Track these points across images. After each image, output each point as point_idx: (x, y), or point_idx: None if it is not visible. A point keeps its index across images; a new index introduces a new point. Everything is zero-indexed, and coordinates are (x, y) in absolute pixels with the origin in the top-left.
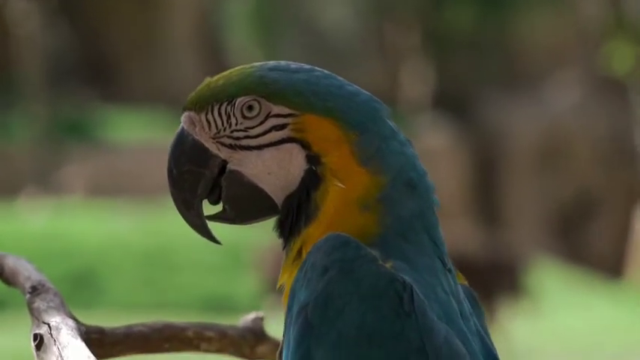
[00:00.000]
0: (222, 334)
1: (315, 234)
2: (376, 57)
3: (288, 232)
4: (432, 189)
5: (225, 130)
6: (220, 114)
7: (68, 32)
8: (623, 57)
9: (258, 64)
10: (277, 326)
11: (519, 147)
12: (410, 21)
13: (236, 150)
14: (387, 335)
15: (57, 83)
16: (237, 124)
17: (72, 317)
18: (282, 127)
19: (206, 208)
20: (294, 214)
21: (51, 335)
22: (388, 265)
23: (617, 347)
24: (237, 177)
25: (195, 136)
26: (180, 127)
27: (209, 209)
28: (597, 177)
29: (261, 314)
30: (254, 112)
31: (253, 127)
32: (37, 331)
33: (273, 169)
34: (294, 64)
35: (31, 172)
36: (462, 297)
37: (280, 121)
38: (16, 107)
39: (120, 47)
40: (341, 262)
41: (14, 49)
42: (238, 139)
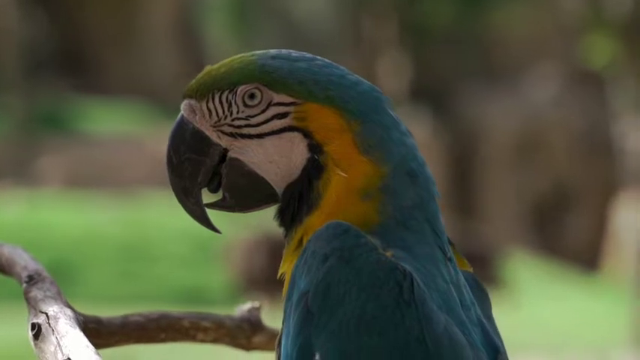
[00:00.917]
0: (219, 324)
1: (316, 223)
2: (353, 49)
3: (290, 220)
4: (432, 180)
5: (226, 118)
6: (221, 102)
7: (45, 23)
8: (601, 50)
9: (259, 52)
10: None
11: (497, 140)
12: (387, 12)
13: (237, 138)
14: (386, 324)
15: (34, 74)
16: (238, 113)
17: (69, 307)
18: (283, 115)
19: (204, 197)
20: (296, 203)
21: (49, 324)
22: (388, 253)
23: (592, 339)
24: (238, 165)
25: (196, 124)
26: (180, 115)
27: (208, 198)
28: (574, 170)
29: (257, 304)
30: (255, 101)
31: (255, 116)
32: (35, 321)
33: (274, 158)
34: (296, 53)
35: (8, 164)
36: (462, 286)
37: (282, 109)
38: None
39: (97, 38)
40: (341, 250)
41: None
42: (239, 127)
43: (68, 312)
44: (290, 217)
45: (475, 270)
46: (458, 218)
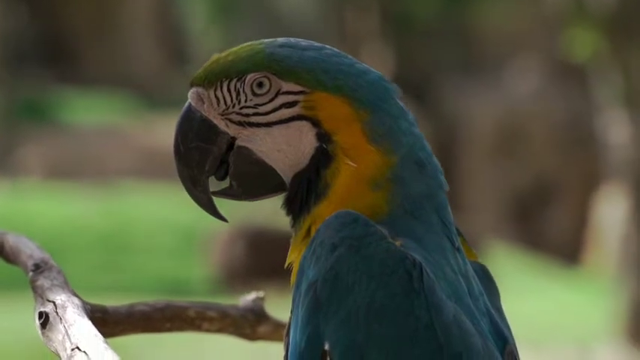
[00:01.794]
0: (224, 314)
1: (325, 212)
2: (335, 41)
3: (297, 210)
4: (440, 170)
5: (234, 106)
6: (230, 90)
7: (26, 14)
8: (583, 43)
9: (268, 40)
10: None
11: (478, 132)
12: (370, 5)
13: (245, 127)
14: (396, 312)
15: (15, 65)
16: (246, 101)
17: (77, 295)
18: (292, 104)
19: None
20: (304, 192)
21: (57, 313)
22: (397, 243)
23: (574, 332)
24: (246, 154)
25: (204, 113)
26: (187, 103)
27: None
28: (556, 163)
29: (261, 294)
30: (264, 89)
31: (263, 104)
32: (42, 309)
33: (282, 147)
34: (304, 41)
35: None
36: (471, 276)
37: (290, 98)
38: None
39: (79, 29)
40: (350, 239)
41: None
42: (247, 115)
43: (76, 301)
44: (298, 206)
45: None
46: None
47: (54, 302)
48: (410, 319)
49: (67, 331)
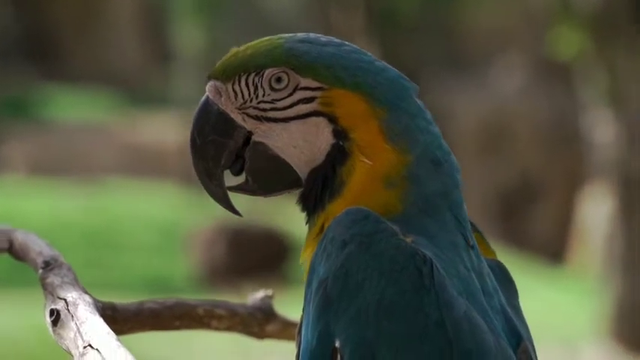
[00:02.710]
0: (233, 312)
1: (339, 210)
2: None
3: (312, 206)
4: (457, 168)
5: (251, 101)
6: (247, 84)
7: (10, 9)
8: (568, 42)
9: (287, 35)
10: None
11: (463, 130)
12: (354, 1)
13: (262, 121)
14: (406, 309)
15: None
16: (264, 96)
17: (87, 293)
18: (309, 100)
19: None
20: (319, 189)
21: (68, 311)
22: (408, 239)
23: (559, 331)
24: (262, 149)
25: (221, 106)
26: (204, 97)
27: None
28: (541, 161)
29: (270, 292)
30: (282, 84)
31: (281, 99)
32: (53, 307)
33: (298, 143)
34: (324, 37)
35: None
36: (485, 273)
37: (308, 94)
38: None
39: (63, 25)
40: (360, 236)
41: None
42: (265, 110)
43: (87, 298)
44: (312, 203)
45: None
46: None
47: (65, 300)
48: (420, 315)
49: (78, 329)
